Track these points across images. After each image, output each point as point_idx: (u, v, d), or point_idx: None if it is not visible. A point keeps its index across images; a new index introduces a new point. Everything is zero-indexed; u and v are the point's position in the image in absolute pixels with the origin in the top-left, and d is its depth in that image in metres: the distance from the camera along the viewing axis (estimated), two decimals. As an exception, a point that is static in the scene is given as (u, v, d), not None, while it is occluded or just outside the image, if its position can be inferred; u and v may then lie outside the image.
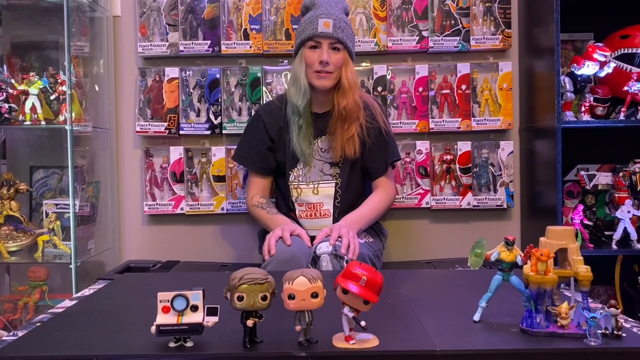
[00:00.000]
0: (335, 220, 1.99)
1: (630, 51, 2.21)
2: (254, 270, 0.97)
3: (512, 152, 2.35)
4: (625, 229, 2.11)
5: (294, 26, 2.31)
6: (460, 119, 2.34)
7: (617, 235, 2.12)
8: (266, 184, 2.11)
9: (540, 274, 1.03)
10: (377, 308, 1.00)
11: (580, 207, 2.17)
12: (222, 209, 2.36)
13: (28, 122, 2.10)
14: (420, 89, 2.36)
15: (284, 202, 2.10)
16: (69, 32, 2.09)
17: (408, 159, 2.37)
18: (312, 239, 1.88)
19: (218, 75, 2.36)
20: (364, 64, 2.39)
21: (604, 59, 2.15)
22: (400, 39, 2.35)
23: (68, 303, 1.37)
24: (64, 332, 1.14)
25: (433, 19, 2.35)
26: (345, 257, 1.72)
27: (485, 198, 2.36)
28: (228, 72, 2.37)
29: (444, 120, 2.34)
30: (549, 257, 1.02)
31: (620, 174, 2.21)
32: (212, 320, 0.98)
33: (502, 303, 1.14)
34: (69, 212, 2.12)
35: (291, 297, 0.95)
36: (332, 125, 1.97)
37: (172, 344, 0.99)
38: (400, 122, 2.35)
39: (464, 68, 2.35)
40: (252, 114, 2.26)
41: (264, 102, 2.29)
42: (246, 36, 2.35)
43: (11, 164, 2.40)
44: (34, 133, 2.39)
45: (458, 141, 2.35)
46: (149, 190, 2.39)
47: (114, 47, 2.43)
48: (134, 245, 2.46)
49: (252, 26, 2.35)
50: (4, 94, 2.09)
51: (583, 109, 2.17)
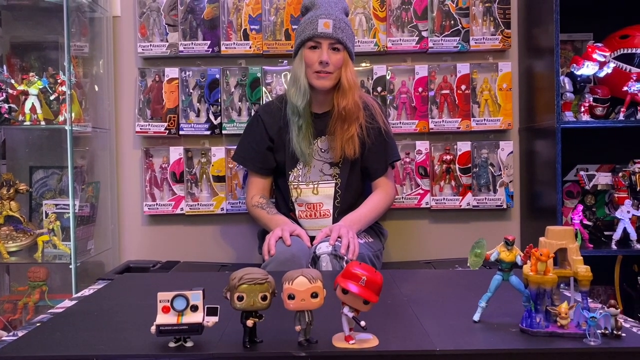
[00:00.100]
0: (335, 220, 1.99)
1: (629, 51, 2.21)
2: (253, 270, 0.97)
3: (512, 152, 2.35)
4: (624, 229, 2.11)
5: (294, 26, 2.32)
6: (459, 119, 2.34)
7: (617, 235, 2.12)
8: (266, 184, 2.11)
9: (540, 274, 1.03)
10: (377, 308, 1.00)
11: (580, 207, 2.17)
12: (222, 209, 2.37)
13: (28, 123, 2.10)
14: (420, 89, 2.36)
15: (283, 202, 2.10)
16: (69, 33, 2.09)
17: (408, 159, 2.37)
18: (312, 239, 1.88)
19: (218, 76, 2.36)
20: (363, 64, 2.39)
21: (603, 59, 2.15)
22: (400, 39, 2.35)
23: (68, 303, 1.38)
24: (64, 332, 1.14)
25: (433, 19, 2.35)
26: (345, 257, 1.72)
27: (485, 198, 2.36)
28: (228, 73, 2.37)
29: (443, 121, 2.34)
30: (548, 257, 1.02)
31: (620, 174, 2.21)
32: (212, 320, 0.98)
33: (502, 303, 1.14)
34: (69, 213, 2.12)
35: (291, 297, 0.95)
36: (332, 126, 1.97)
37: (172, 344, 0.99)
38: (400, 123, 2.35)
39: (463, 68, 2.35)
40: (252, 114, 2.26)
41: (264, 103, 2.29)
42: (246, 36, 2.35)
43: (11, 164, 2.40)
44: (33, 133, 2.39)
45: (458, 141, 2.36)
46: (149, 190, 2.39)
47: (114, 48, 2.43)
48: (133, 245, 2.46)
49: (252, 26, 2.35)
50: (4, 94, 2.09)
51: (582, 109, 2.18)
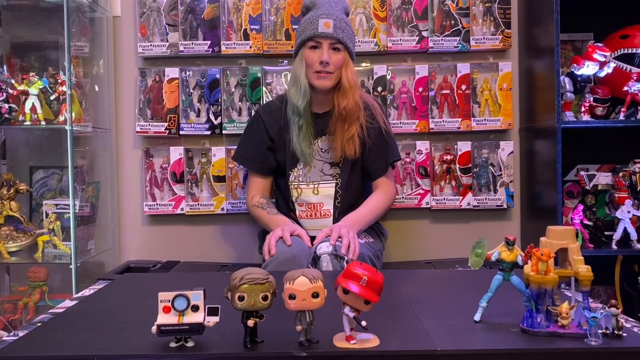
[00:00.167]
0: (336, 220, 1.99)
1: (630, 51, 2.21)
2: (254, 270, 0.97)
3: (512, 152, 2.35)
4: (625, 229, 2.11)
5: (294, 26, 2.31)
6: (460, 119, 2.34)
7: (617, 235, 2.12)
8: (266, 184, 2.11)
9: (540, 273, 1.03)
10: (378, 308, 1.00)
11: (580, 207, 2.17)
12: (222, 209, 2.36)
13: (28, 123, 2.10)
14: (420, 89, 2.36)
15: (284, 202, 2.10)
16: (69, 33, 2.09)
17: (408, 159, 2.37)
18: (312, 239, 1.88)
19: (218, 76, 2.36)
20: (364, 64, 2.39)
21: (603, 59, 2.15)
22: (400, 39, 2.35)
23: (68, 303, 1.38)
24: (65, 333, 1.14)
25: (433, 19, 2.35)
26: (346, 258, 1.72)
27: (485, 198, 2.36)
28: (228, 73, 2.37)
29: (444, 121, 2.34)
30: (549, 257, 1.02)
31: (620, 174, 2.21)
32: (213, 320, 0.98)
33: (503, 303, 1.14)
34: (69, 213, 2.12)
35: (292, 297, 0.95)
36: (332, 126, 1.97)
37: (173, 344, 0.99)
38: (400, 122, 2.35)
39: (463, 68, 2.35)
40: (252, 114, 2.26)
41: (264, 102, 2.29)
42: (246, 36, 2.35)
43: (11, 164, 2.40)
44: (33, 133, 2.39)
45: (458, 141, 2.35)
46: (149, 190, 2.39)
47: (114, 48, 2.43)
48: (134, 245, 2.46)
49: (252, 26, 2.35)
50: (4, 94, 2.09)
51: (583, 109, 2.17)
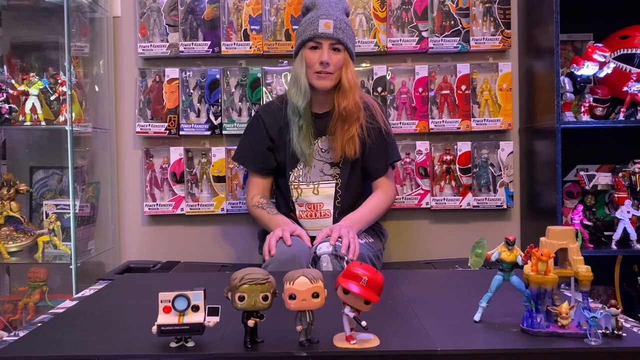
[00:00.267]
0: (336, 220, 1.99)
1: (629, 52, 2.21)
2: (254, 271, 0.97)
3: (512, 153, 2.35)
4: (624, 229, 2.11)
5: (294, 27, 2.32)
6: (460, 120, 2.34)
7: (617, 235, 2.12)
8: (266, 184, 2.11)
9: (540, 274, 1.03)
10: (378, 308, 1.00)
11: (580, 208, 2.17)
12: (222, 210, 2.37)
13: (28, 123, 2.10)
14: (420, 90, 2.36)
15: (284, 203, 2.11)
16: (69, 33, 2.09)
17: (408, 160, 2.37)
18: (312, 239, 1.88)
19: (218, 76, 2.36)
20: (363, 65, 2.39)
21: (603, 60, 2.15)
22: (400, 40, 2.35)
23: (68, 303, 1.38)
24: (65, 333, 1.14)
25: (433, 19, 2.35)
26: (346, 258, 1.72)
27: (485, 198, 2.36)
28: (228, 73, 2.37)
29: (443, 121, 2.34)
30: (549, 257, 1.02)
31: (620, 174, 2.21)
32: (213, 320, 0.98)
33: (503, 303, 1.14)
34: (69, 213, 2.12)
35: (292, 297, 0.95)
36: (333, 126, 1.97)
37: (173, 344, 0.99)
38: (400, 123, 2.35)
39: (463, 68, 2.35)
40: (253, 115, 2.26)
41: (264, 103, 2.30)
42: (246, 37, 2.35)
43: (11, 165, 2.40)
44: (34, 134, 2.39)
45: (458, 141, 2.36)
46: (149, 190, 2.39)
47: (114, 48, 2.43)
48: (134, 245, 2.46)
49: (252, 27, 2.35)
50: (4, 94, 2.09)
51: (583, 110, 2.18)
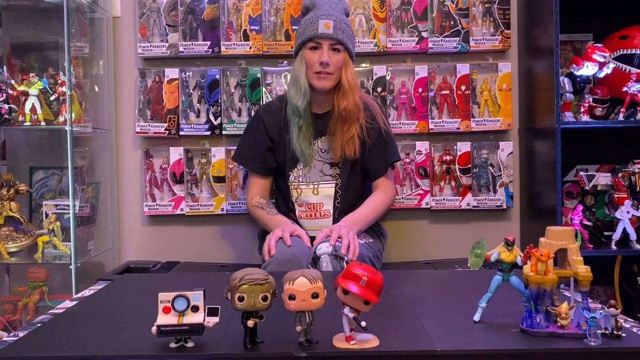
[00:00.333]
0: (335, 220, 1.99)
1: (629, 52, 2.21)
2: (254, 271, 0.97)
3: (512, 153, 2.35)
4: (624, 229, 2.11)
5: (294, 27, 2.32)
6: (459, 120, 2.34)
7: (617, 235, 2.12)
8: (266, 185, 2.11)
9: (540, 274, 1.03)
10: (378, 308, 1.00)
11: (580, 208, 2.17)
12: (222, 210, 2.37)
13: (28, 123, 2.10)
14: (420, 90, 2.36)
15: (283, 203, 2.11)
16: (69, 33, 2.09)
17: (408, 160, 2.37)
18: (312, 239, 1.88)
19: (218, 76, 2.36)
20: (363, 65, 2.39)
21: (603, 60, 2.15)
22: (400, 40, 2.35)
23: (68, 304, 1.38)
24: (65, 333, 1.14)
25: (432, 19, 2.35)
26: (345, 258, 1.72)
27: (485, 198, 2.36)
28: (228, 73, 2.37)
29: (443, 121, 2.34)
30: (548, 258, 1.02)
31: (620, 174, 2.21)
32: (213, 320, 0.98)
33: (502, 303, 1.14)
34: (69, 213, 2.12)
35: (292, 298, 0.95)
36: (332, 126, 1.97)
37: (173, 345, 0.99)
38: (400, 123, 2.35)
39: (463, 69, 2.35)
40: (252, 115, 2.26)
41: (264, 103, 2.30)
42: (246, 37, 2.35)
43: (11, 165, 2.40)
44: (33, 134, 2.39)
45: (458, 142, 2.36)
46: (149, 191, 2.39)
47: (114, 48, 2.43)
48: (133, 246, 2.46)
49: (252, 27, 2.35)
50: (4, 94, 2.09)
51: (582, 110, 2.18)
